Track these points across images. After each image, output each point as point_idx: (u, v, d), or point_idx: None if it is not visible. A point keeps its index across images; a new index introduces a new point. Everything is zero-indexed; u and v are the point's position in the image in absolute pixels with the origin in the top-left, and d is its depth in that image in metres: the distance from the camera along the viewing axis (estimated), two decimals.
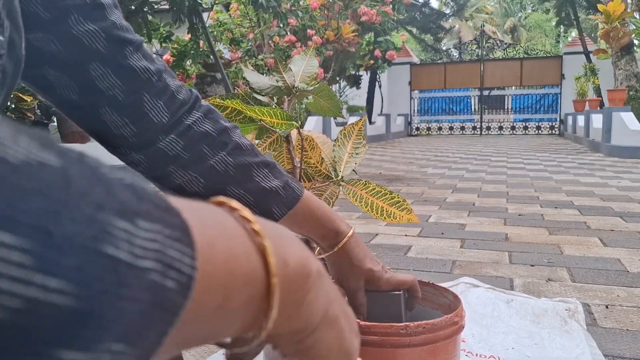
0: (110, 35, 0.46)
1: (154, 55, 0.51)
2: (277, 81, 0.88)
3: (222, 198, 0.23)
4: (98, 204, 0.15)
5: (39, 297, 0.13)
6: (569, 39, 21.07)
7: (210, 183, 0.52)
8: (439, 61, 13.93)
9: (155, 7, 4.34)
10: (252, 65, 6.43)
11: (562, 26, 21.09)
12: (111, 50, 0.45)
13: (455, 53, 15.00)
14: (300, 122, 0.81)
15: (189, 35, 5.40)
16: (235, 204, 0.23)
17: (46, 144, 0.15)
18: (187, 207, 0.19)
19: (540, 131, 12.40)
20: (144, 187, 0.17)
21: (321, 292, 0.26)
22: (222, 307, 0.20)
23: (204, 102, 0.55)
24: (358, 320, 0.55)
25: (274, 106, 0.86)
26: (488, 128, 12.85)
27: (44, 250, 0.13)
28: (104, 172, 0.16)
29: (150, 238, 0.16)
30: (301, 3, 7.41)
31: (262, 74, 2.03)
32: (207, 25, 5.56)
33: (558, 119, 12.34)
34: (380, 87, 12.38)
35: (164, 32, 6.25)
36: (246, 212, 0.23)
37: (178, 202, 0.19)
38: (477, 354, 0.97)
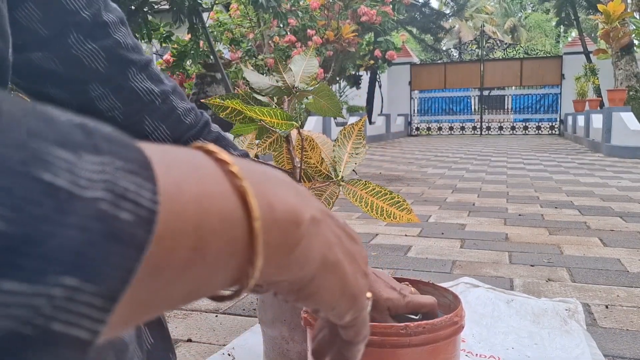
0: (112, 55, 0.44)
1: (163, 75, 0.49)
2: (277, 81, 0.88)
3: (198, 143, 0.22)
4: (32, 132, 0.15)
5: None
6: (569, 39, 21.08)
7: None
8: (439, 61, 13.93)
9: (155, 7, 4.34)
10: (252, 66, 6.43)
11: (562, 26, 21.09)
12: (112, 70, 0.44)
13: (455, 53, 15.00)
14: (300, 122, 0.81)
15: (189, 35, 5.40)
16: (212, 147, 0.22)
17: None
18: (153, 148, 0.19)
19: (540, 131, 12.40)
20: (97, 126, 0.17)
21: (317, 238, 0.24)
22: (198, 250, 0.19)
23: (214, 126, 0.52)
24: None
25: (274, 106, 0.86)
26: (488, 128, 12.85)
27: None
28: (48, 110, 0.16)
29: (97, 170, 0.16)
30: (301, 3, 7.41)
31: (262, 74, 2.03)
32: (207, 25, 5.56)
33: (558, 119, 12.34)
34: (380, 87, 12.38)
35: (164, 32, 6.24)
36: (224, 155, 0.21)
37: (144, 144, 0.18)
38: (477, 354, 0.97)
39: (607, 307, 1.21)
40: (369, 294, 0.30)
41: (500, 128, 12.73)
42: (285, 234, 0.22)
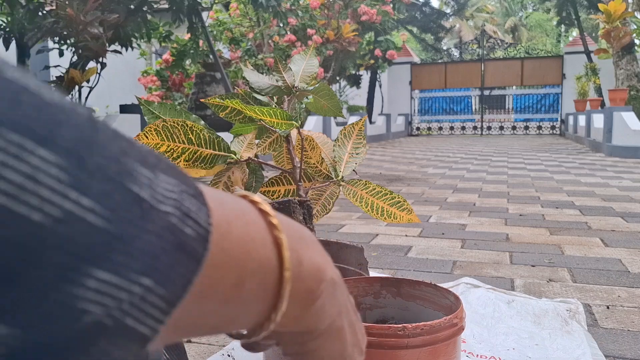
0: None
1: None
2: (277, 81, 0.88)
3: (244, 192, 0.25)
4: (123, 150, 0.17)
5: (74, 211, 0.15)
6: (570, 38, 21.06)
7: None
8: (440, 61, 13.93)
9: (155, 6, 4.33)
10: (251, 65, 6.42)
11: (563, 26, 21.08)
12: None
13: (455, 53, 14.99)
14: (300, 122, 0.81)
15: (189, 35, 5.40)
16: (256, 197, 0.24)
17: (73, 102, 0.17)
18: (208, 188, 0.21)
19: (541, 131, 12.39)
20: (160, 154, 0.20)
21: (332, 300, 0.26)
22: (237, 287, 0.21)
23: None
24: None
25: (273, 106, 0.86)
26: (489, 128, 12.84)
27: (78, 171, 0.15)
28: (124, 133, 0.19)
29: (169, 189, 0.18)
30: (301, 2, 7.40)
31: (262, 73, 2.02)
32: (206, 25, 5.55)
33: (559, 119, 12.33)
34: (380, 86, 12.37)
35: (164, 31, 6.24)
36: (266, 206, 0.24)
37: (199, 184, 0.21)
38: (477, 355, 0.96)
39: (608, 307, 1.20)
40: None
41: (501, 128, 12.72)
42: (308, 288, 0.25)
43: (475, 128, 13.00)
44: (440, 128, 13.24)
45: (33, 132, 0.15)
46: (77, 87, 3.86)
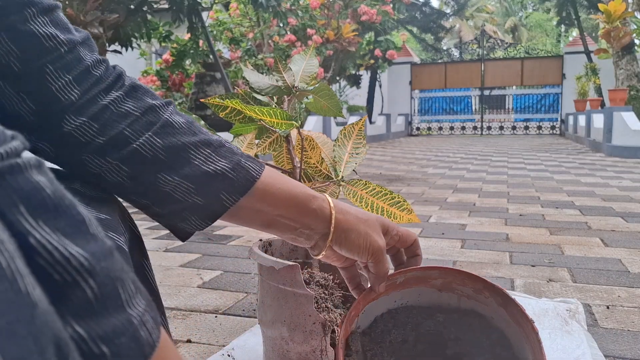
0: None
1: (73, 27, 0.43)
2: (277, 81, 0.88)
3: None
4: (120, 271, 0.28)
5: None
6: (570, 38, 21.06)
7: (136, 171, 0.43)
8: (440, 61, 13.92)
9: (155, 6, 4.33)
10: (251, 65, 6.41)
11: (562, 26, 21.07)
12: (5, 10, 0.38)
13: (455, 53, 14.98)
14: (300, 122, 0.81)
15: (189, 35, 5.39)
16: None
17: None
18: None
19: (541, 131, 12.39)
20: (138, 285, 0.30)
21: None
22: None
23: (129, 77, 0.46)
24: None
25: (273, 106, 0.86)
26: (489, 128, 12.84)
27: None
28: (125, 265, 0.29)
29: (142, 310, 0.30)
30: (301, 2, 7.40)
31: (262, 73, 2.02)
32: (206, 25, 5.55)
33: (559, 119, 12.33)
34: (380, 86, 12.37)
35: (163, 31, 6.24)
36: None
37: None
38: None
39: (608, 307, 1.20)
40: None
41: (501, 128, 12.72)
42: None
43: (475, 128, 13.00)
44: (440, 128, 13.24)
45: None
46: None
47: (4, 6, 0.38)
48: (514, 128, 12.60)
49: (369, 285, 0.57)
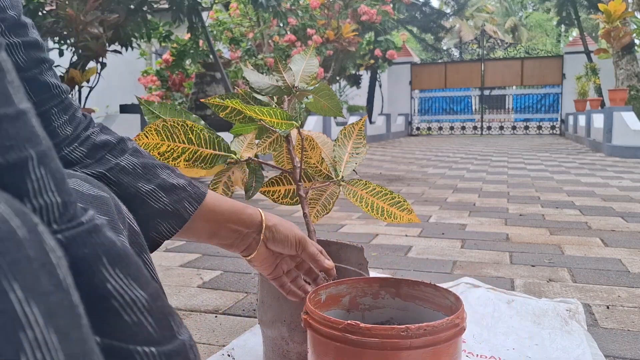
0: (30, 51, 0.50)
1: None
2: (277, 81, 0.88)
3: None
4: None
5: None
6: (570, 38, 21.06)
7: (119, 180, 0.54)
8: (440, 61, 13.92)
9: (155, 6, 4.33)
10: (251, 65, 6.41)
11: (562, 25, 21.07)
12: (29, 65, 0.49)
13: (455, 52, 14.98)
14: (300, 122, 0.81)
15: (189, 35, 5.39)
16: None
17: None
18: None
19: (541, 131, 12.39)
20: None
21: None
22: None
23: (97, 122, 0.60)
24: (358, 323, 0.54)
25: (274, 106, 0.86)
26: (489, 128, 12.84)
27: None
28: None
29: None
30: (301, 2, 7.40)
31: (262, 73, 2.02)
32: (206, 25, 5.55)
33: (559, 119, 12.33)
34: (380, 86, 12.37)
35: (163, 31, 6.23)
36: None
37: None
38: (477, 355, 0.96)
39: (608, 307, 1.20)
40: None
41: (501, 128, 12.72)
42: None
43: (475, 128, 12.99)
44: (440, 128, 13.23)
45: None
46: (77, 87, 3.86)
47: (28, 61, 0.49)
48: (514, 128, 12.59)
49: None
